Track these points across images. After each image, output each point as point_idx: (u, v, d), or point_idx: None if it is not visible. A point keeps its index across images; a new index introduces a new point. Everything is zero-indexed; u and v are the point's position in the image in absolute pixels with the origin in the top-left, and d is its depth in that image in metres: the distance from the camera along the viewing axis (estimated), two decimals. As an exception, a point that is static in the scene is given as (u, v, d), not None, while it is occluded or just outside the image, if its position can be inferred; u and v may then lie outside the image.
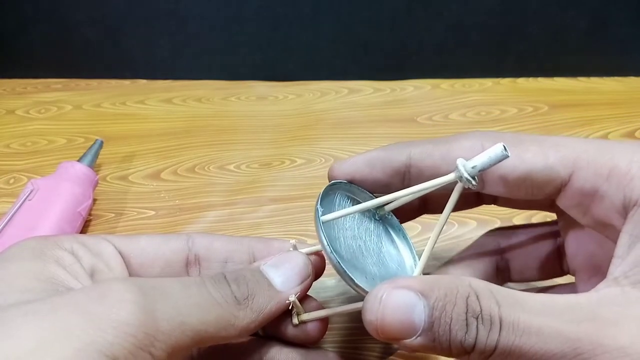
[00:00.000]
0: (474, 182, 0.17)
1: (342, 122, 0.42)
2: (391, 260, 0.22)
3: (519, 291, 0.16)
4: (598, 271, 0.21)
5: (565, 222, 0.22)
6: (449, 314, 0.15)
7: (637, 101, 0.44)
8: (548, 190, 0.19)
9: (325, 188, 0.21)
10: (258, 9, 0.45)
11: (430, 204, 0.24)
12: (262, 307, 0.18)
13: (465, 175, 0.17)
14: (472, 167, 0.17)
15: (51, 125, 0.43)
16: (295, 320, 0.20)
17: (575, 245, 0.22)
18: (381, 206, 0.22)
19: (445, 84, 0.47)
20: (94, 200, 0.34)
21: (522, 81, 0.47)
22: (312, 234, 0.32)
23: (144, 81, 0.48)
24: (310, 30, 0.46)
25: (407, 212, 0.24)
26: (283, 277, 0.19)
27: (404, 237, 0.23)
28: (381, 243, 0.22)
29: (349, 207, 0.22)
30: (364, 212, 0.22)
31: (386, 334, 0.16)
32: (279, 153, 0.39)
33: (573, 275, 0.23)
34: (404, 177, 0.21)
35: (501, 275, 0.24)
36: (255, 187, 0.36)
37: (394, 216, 0.23)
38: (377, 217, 0.23)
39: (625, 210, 0.17)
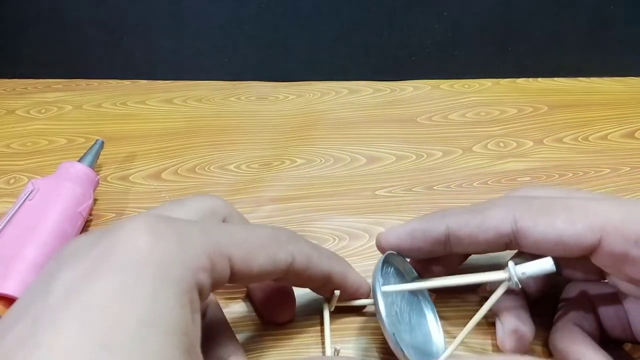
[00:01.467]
0: (520, 286, 0.19)
1: (342, 122, 0.42)
2: (419, 330, 0.24)
3: None
4: None
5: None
6: None
7: (637, 101, 0.44)
8: (580, 253, 0.21)
9: (382, 259, 0.23)
10: (258, 9, 0.45)
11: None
12: None
13: (515, 279, 0.19)
14: (522, 273, 0.19)
15: (51, 125, 0.43)
16: None
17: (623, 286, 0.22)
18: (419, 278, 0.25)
19: (445, 84, 0.47)
20: (95, 200, 0.34)
21: (522, 81, 0.47)
22: (311, 235, 0.32)
23: (144, 81, 0.48)
24: (310, 30, 0.46)
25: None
26: None
27: (433, 310, 0.25)
28: (413, 312, 0.24)
29: (392, 276, 0.24)
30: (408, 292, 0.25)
31: None
32: (279, 153, 0.39)
33: None
34: (445, 246, 0.23)
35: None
36: (255, 187, 0.36)
37: (427, 290, 0.25)
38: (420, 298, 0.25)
39: None
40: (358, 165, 0.38)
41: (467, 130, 0.41)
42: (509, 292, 0.24)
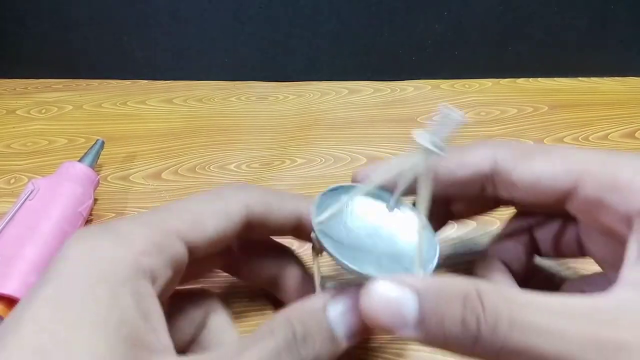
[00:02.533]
0: (442, 152, 0.18)
1: (342, 122, 0.42)
2: (412, 252, 0.22)
3: (536, 293, 0.16)
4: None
5: (583, 226, 0.23)
6: (440, 311, 0.16)
7: (637, 101, 0.44)
8: (555, 197, 0.21)
9: (323, 193, 0.22)
10: (258, 9, 0.45)
11: (456, 213, 0.25)
12: (320, 358, 0.18)
13: (429, 146, 0.18)
14: (432, 134, 0.19)
15: (52, 125, 0.43)
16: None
17: (594, 245, 0.23)
18: (400, 201, 0.23)
19: (445, 84, 0.47)
20: (95, 200, 0.34)
21: (522, 81, 0.47)
22: (312, 234, 0.32)
23: (144, 81, 0.48)
24: (310, 30, 0.46)
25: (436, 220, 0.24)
26: (349, 329, 0.19)
27: (427, 228, 0.23)
28: (398, 238, 0.23)
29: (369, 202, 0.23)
30: (384, 210, 0.23)
31: (374, 322, 0.16)
32: (279, 153, 0.39)
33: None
34: None
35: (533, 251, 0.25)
36: (256, 187, 0.36)
37: (414, 207, 0.23)
38: (398, 212, 0.23)
39: (629, 220, 0.18)
40: (358, 165, 0.38)
41: (467, 130, 0.41)
42: (494, 271, 0.24)
